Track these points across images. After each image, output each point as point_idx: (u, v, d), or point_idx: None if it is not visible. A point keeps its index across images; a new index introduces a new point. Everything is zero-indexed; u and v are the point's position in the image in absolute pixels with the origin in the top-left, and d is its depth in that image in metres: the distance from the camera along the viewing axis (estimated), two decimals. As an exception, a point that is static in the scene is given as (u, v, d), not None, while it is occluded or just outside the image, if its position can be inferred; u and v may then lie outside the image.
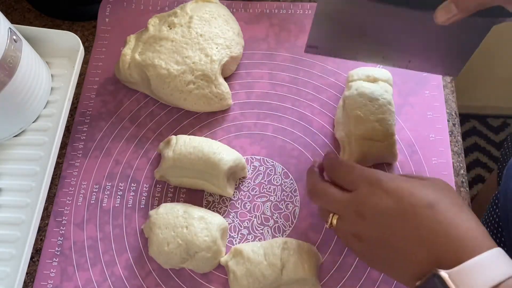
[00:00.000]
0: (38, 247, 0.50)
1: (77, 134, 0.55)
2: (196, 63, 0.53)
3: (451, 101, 0.56)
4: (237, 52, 0.56)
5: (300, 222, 0.50)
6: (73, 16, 0.63)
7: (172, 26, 0.55)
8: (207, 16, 0.56)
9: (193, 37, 0.54)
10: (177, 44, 0.54)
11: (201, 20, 0.55)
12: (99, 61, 0.60)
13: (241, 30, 0.59)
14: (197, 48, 0.54)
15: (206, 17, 0.56)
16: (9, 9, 0.65)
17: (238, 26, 0.59)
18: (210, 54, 0.53)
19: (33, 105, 0.52)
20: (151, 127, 0.55)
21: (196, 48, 0.53)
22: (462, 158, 0.53)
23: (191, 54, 0.53)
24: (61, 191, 0.52)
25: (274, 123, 0.55)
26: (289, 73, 0.58)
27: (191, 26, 0.55)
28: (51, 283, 0.48)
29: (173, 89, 0.53)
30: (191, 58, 0.53)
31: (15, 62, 0.47)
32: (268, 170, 0.53)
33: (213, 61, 0.53)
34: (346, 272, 0.47)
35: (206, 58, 0.53)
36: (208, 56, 0.53)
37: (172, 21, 0.55)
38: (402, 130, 0.53)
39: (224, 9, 0.58)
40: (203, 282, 0.48)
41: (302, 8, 0.62)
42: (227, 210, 0.51)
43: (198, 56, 0.53)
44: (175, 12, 0.57)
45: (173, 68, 0.53)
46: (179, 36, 0.54)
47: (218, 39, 0.54)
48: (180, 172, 0.50)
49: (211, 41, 0.54)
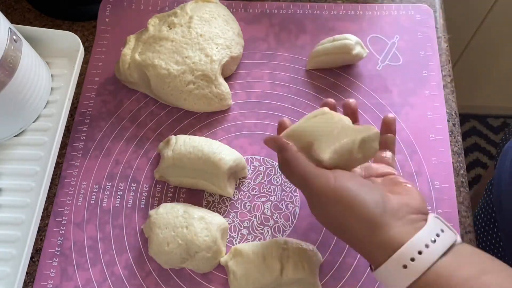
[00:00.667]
0: (38, 247, 0.50)
1: (77, 134, 0.55)
2: (196, 63, 0.53)
3: (451, 101, 0.56)
4: (237, 52, 0.56)
5: (300, 222, 0.50)
6: (73, 16, 0.63)
7: (172, 26, 0.55)
8: (207, 16, 0.56)
9: (193, 37, 0.54)
10: (177, 44, 0.54)
11: (201, 20, 0.55)
12: (99, 61, 0.60)
13: (241, 30, 0.59)
14: (197, 48, 0.54)
15: (206, 17, 0.56)
16: (9, 9, 0.65)
17: (238, 26, 0.59)
18: (210, 54, 0.53)
19: (33, 105, 0.52)
20: (151, 127, 0.55)
21: (196, 48, 0.53)
22: (462, 158, 0.53)
23: (191, 54, 0.53)
24: (61, 191, 0.52)
25: (274, 123, 0.55)
26: (289, 73, 0.58)
27: (191, 26, 0.55)
28: (51, 283, 0.48)
29: (173, 89, 0.53)
30: (191, 58, 0.53)
31: (15, 62, 0.47)
32: (268, 170, 0.53)
33: (213, 61, 0.53)
34: (346, 272, 0.47)
35: (206, 58, 0.53)
36: (208, 56, 0.53)
37: (172, 21, 0.55)
38: (402, 130, 0.53)
39: (224, 9, 0.58)
40: (203, 282, 0.48)
41: (302, 8, 0.62)
42: (227, 210, 0.51)
43: (198, 56, 0.53)
44: (175, 12, 0.57)
45: (173, 68, 0.53)
46: (179, 36, 0.54)
47: (218, 39, 0.54)
48: (180, 171, 0.50)
49: (211, 41, 0.54)
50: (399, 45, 0.59)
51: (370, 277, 0.47)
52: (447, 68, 0.58)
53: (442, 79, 0.57)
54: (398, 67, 0.57)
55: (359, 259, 0.48)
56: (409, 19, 0.60)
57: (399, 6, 0.61)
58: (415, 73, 0.57)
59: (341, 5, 0.62)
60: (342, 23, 0.61)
